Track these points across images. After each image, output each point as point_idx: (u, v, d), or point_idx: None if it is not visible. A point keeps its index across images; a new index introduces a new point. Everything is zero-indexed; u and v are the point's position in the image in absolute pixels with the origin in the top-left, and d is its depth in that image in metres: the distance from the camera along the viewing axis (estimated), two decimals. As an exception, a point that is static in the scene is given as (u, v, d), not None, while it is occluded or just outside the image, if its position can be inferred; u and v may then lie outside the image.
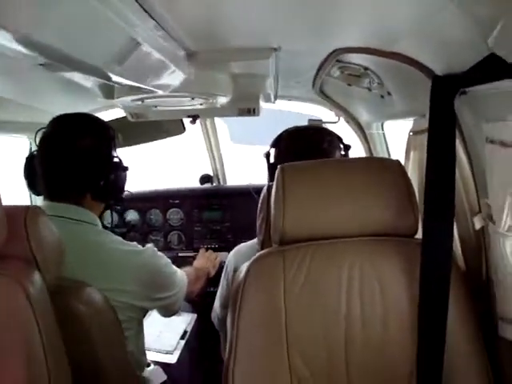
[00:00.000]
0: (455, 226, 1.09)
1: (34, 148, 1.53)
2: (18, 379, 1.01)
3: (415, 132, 1.55)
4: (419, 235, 1.18)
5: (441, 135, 1.04)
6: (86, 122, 1.50)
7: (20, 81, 1.57)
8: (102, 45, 0.80)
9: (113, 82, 1.23)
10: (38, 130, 1.52)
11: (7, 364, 1.01)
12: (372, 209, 1.14)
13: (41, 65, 1.36)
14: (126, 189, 1.63)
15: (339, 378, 1.12)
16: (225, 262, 1.92)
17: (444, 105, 1.03)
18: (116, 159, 1.53)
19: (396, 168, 1.20)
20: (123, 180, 1.58)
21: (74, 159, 1.43)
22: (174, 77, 1.26)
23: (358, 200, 1.14)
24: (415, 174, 1.51)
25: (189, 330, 2.35)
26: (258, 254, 1.18)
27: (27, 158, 1.57)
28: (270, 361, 1.11)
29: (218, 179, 3.04)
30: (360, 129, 2.31)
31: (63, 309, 1.14)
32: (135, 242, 1.53)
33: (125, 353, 1.40)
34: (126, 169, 1.57)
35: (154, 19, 0.89)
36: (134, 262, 1.45)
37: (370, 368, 1.12)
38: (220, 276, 1.99)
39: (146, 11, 0.83)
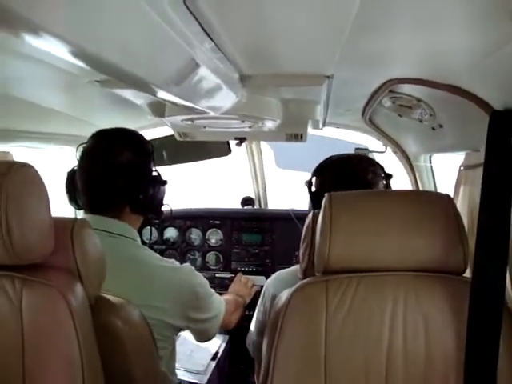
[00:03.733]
0: (508, 267, 1.05)
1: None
2: None
3: (466, 167, 1.51)
4: (467, 274, 1.15)
5: (497, 171, 1.00)
6: (124, 137, 1.53)
7: (75, 95, 1.62)
8: (163, 64, 0.81)
9: (167, 101, 1.26)
10: (79, 145, 1.56)
11: (44, 374, 1.02)
12: (420, 243, 1.11)
13: (97, 81, 1.41)
14: (165, 203, 1.64)
15: None
16: (261, 286, 1.90)
17: (502, 140, 1.00)
18: (155, 173, 1.55)
19: (446, 202, 1.16)
20: (162, 193, 1.60)
21: (113, 173, 1.46)
22: (226, 99, 1.28)
23: (406, 233, 1.11)
24: (464, 210, 1.46)
25: (220, 351, 2.34)
26: (300, 282, 1.16)
27: (69, 173, 1.61)
28: None
29: (260, 202, 3.04)
30: (407, 160, 2.28)
31: (101, 323, 1.14)
32: (173, 259, 1.53)
33: (158, 372, 1.40)
34: (164, 183, 1.59)
35: (212, 41, 0.90)
36: (171, 279, 1.45)
37: None
38: (255, 300, 1.97)
39: (205, 32, 0.85)
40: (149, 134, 2.42)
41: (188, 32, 0.79)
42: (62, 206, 1.80)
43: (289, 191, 3.34)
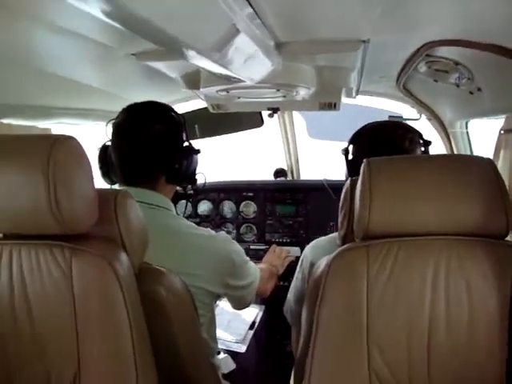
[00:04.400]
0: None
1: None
2: (106, 352, 1.06)
3: (507, 130, 1.48)
4: (509, 238, 1.14)
5: None
6: (155, 109, 1.55)
7: (110, 70, 1.64)
8: (206, 29, 0.82)
9: (205, 70, 1.27)
10: (109, 121, 1.59)
11: (96, 338, 1.06)
12: (461, 207, 1.09)
13: (132, 54, 1.43)
14: (198, 172, 1.67)
15: (419, 379, 1.09)
16: (296, 257, 1.91)
17: None
18: (186, 143, 1.58)
19: (488, 166, 1.14)
20: (196, 162, 1.62)
21: (147, 144, 1.49)
22: (262, 67, 1.28)
23: (447, 197, 1.09)
24: (505, 174, 1.44)
25: (257, 320, 2.38)
26: (340, 248, 1.16)
27: (101, 148, 1.64)
28: (350, 357, 1.09)
29: (292, 173, 3.04)
30: (443, 127, 2.24)
31: (145, 292, 1.18)
32: (208, 228, 1.56)
33: (199, 338, 1.43)
34: (197, 152, 1.62)
35: (251, 6, 0.90)
36: (208, 247, 1.49)
37: (454, 372, 1.08)
38: (290, 271, 1.98)
39: None
40: (180, 108, 2.44)
41: None
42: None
43: (321, 161, 3.33)
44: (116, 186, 1.62)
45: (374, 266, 1.10)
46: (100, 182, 1.67)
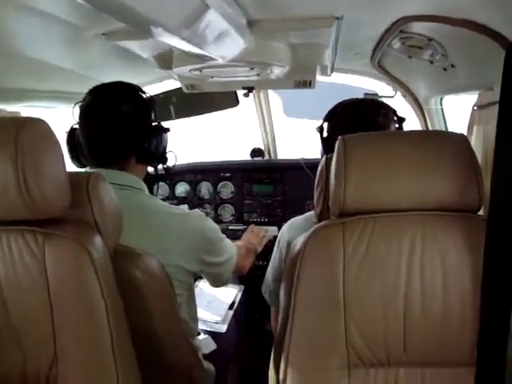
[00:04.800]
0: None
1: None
2: (82, 336, 1.05)
3: (480, 106, 1.49)
4: (481, 213, 1.15)
5: None
6: (122, 89, 1.53)
7: (80, 50, 1.60)
8: (174, 6, 0.80)
9: (176, 49, 1.24)
10: (76, 103, 1.56)
11: (71, 323, 1.05)
12: (435, 182, 1.10)
13: (102, 34, 1.39)
14: (169, 151, 1.65)
15: (396, 352, 1.10)
16: (274, 236, 1.91)
17: None
18: (155, 122, 1.56)
19: (461, 141, 1.15)
20: (166, 141, 1.61)
21: (115, 124, 1.46)
22: (235, 45, 1.26)
23: (421, 173, 1.10)
24: (478, 150, 1.45)
25: (236, 300, 2.39)
26: (316, 226, 1.16)
27: (69, 132, 1.61)
28: (327, 332, 1.10)
29: (269, 153, 3.03)
30: (417, 104, 2.25)
31: (121, 274, 1.16)
32: (183, 207, 1.55)
33: (178, 320, 1.43)
34: (167, 130, 1.60)
35: None
36: (182, 224, 1.48)
37: (429, 344, 1.10)
38: (268, 250, 1.98)
39: None
40: (154, 89, 2.40)
41: None
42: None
43: (298, 140, 3.33)
44: (86, 170, 1.59)
45: (349, 242, 1.10)
46: (71, 166, 1.64)
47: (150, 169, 1.65)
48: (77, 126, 1.55)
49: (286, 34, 1.41)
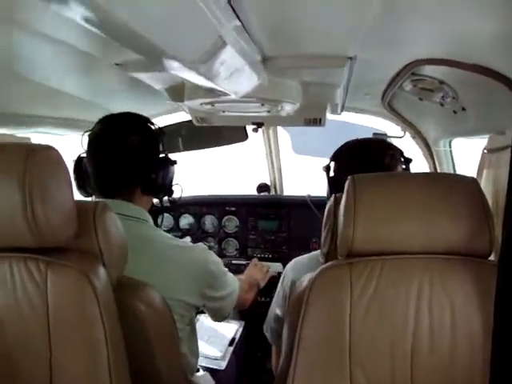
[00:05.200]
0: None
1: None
2: (80, 370, 1.03)
3: (490, 150, 1.49)
4: (491, 258, 1.13)
5: None
6: (131, 120, 1.54)
7: (93, 79, 1.62)
8: (192, 40, 0.81)
9: (189, 82, 1.25)
10: (85, 132, 1.57)
11: (70, 354, 1.03)
12: (445, 225, 1.08)
13: (116, 64, 1.41)
14: (175, 183, 1.65)
15: None
16: (278, 273, 1.89)
17: None
18: (162, 154, 1.56)
19: (471, 185, 1.14)
20: (172, 173, 1.61)
21: (123, 155, 1.47)
22: (248, 81, 1.27)
23: (431, 216, 1.09)
24: (488, 194, 1.44)
25: (237, 337, 2.35)
26: (324, 266, 1.15)
27: (76, 160, 1.61)
28: (331, 377, 1.07)
29: (276, 189, 3.03)
30: (426, 145, 2.25)
31: (123, 306, 1.15)
32: (186, 239, 1.54)
33: (178, 355, 1.40)
34: (174, 163, 1.60)
35: (239, 19, 0.89)
36: (185, 257, 1.47)
37: None
38: (271, 287, 1.96)
39: (233, 10, 0.84)
40: (164, 121, 2.42)
41: (217, 9, 0.78)
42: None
43: (305, 177, 3.33)
44: (92, 199, 1.59)
45: (357, 284, 1.08)
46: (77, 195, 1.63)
47: (156, 200, 1.65)
48: (84, 155, 1.56)
49: (298, 71, 1.42)
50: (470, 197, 1.11)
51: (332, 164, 1.71)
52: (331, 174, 1.71)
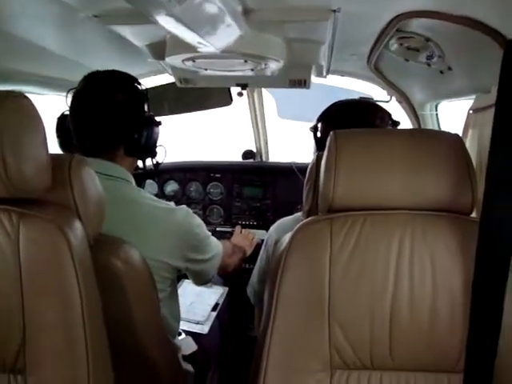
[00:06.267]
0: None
1: None
2: (54, 323, 1.00)
3: (476, 110, 1.47)
4: (473, 215, 1.12)
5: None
6: (116, 78, 1.51)
7: (72, 35, 1.56)
8: None
9: (169, 34, 1.20)
10: (69, 90, 1.54)
11: (43, 308, 1.00)
12: (427, 181, 1.07)
13: (95, 16, 1.35)
14: (159, 145, 1.63)
15: (381, 355, 1.07)
16: (262, 240, 1.88)
17: None
18: (147, 114, 1.54)
19: (455, 142, 1.12)
20: (156, 134, 1.58)
21: (107, 113, 1.44)
22: (229, 33, 1.23)
23: (414, 172, 1.07)
24: (473, 153, 1.42)
25: (220, 302, 2.35)
26: (303, 222, 1.12)
27: (59, 118, 1.59)
28: (310, 334, 1.07)
29: (261, 155, 3.01)
30: (412, 109, 2.23)
31: (100, 263, 1.12)
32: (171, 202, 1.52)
33: (157, 315, 1.39)
34: (158, 123, 1.58)
35: None
36: (168, 219, 1.45)
37: (415, 348, 1.06)
38: (256, 254, 1.95)
39: None
40: (148, 82, 2.37)
41: None
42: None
43: (291, 144, 3.31)
44: None
45: (337, 239, 1.07)
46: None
47: (141, 165, 1.62)
48: (68, 113, 1.52)
49: (281, 26, 1.38)
50: (453, 153, 1.09)
51: (319, 124, 1.68)
52: (318, 134, 1.68)
